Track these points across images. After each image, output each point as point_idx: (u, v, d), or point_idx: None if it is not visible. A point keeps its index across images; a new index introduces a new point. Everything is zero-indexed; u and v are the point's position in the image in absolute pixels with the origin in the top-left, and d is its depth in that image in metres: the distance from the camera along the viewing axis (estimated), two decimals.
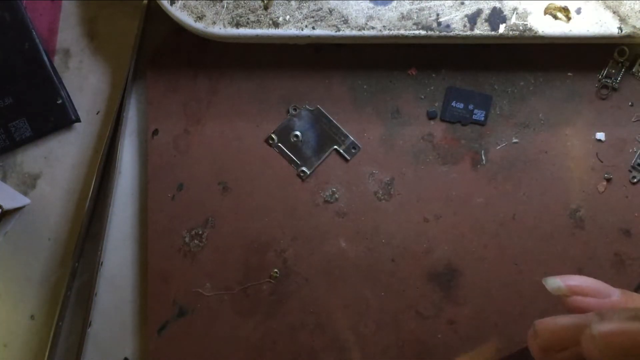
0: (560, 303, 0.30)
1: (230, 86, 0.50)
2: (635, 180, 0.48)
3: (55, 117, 0.51)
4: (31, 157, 0.52)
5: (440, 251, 0.49)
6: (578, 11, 0.44)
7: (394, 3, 0.45)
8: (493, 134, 0.49)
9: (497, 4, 0.45)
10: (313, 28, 0.45)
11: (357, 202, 0.49)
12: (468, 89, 0.49)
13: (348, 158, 0.49)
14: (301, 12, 0.45)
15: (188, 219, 0.50)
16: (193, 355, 0.50)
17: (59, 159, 0.52)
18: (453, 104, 0.49)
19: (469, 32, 0.45)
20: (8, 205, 0.48)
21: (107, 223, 0.50)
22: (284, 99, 0.50)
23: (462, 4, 0.45)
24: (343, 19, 0.45)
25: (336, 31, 0.45)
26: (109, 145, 0.50)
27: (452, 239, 0.49)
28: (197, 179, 0.50)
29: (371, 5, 0.45)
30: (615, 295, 0.29)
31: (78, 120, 0.51)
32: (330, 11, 0.45)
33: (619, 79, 0.48)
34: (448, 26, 0.45)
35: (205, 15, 0.46)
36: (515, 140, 0.49)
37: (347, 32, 0.45)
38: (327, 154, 0.50)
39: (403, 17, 0.45)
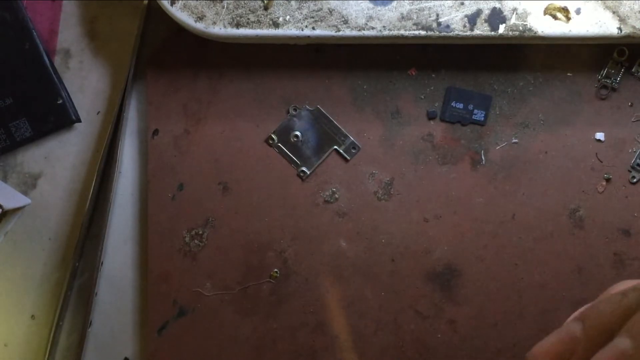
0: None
1: (230, 86, 0.50)
2: (634, 180, 0.48)
3: (55, 117, 0.51)
4: (32, 157, 0.52)
5: (440, 251, 0.49)
6: (578, 11, 0.44)
7: (394, 3, 0.45)
8: (493, 134, 0.49)
9: (497, 5, 0.45)
10: (313, 28, 0.46)
11: (357, 202, 0.49)
12: (468, 89, 0.49)
13: (348, 158, 0.49)
14: (301, 13, 0.46)
15: (188, 219, 0.50)
16: (193, 355, 0.50)
17: (60, 159, 0.52)
18: (453, 104, 0.49)
19: (468, 33, 0.45)
20: (8, 205, 0.48)
21: (107, 223, 0.50)
22: (284, 99, 0.50)
23: (462, 4, 0.45)
24: (343, 19, 0.45)
25: (336, 31, 0.45)
26: (109, 145, 0.51)
27: (452, 239, 0.49)
28: (197, 179, 0.50)
29: (371, 5, 0.45)
30: (581, 342, 0.27)
31: (78, 120, 0.51)
32: (330, 11, 0.45)
33: (618, 79, 0.48)
34: (448, 26, 0.45)
35: (205, 16, 0.46)
36: (515, 140, 0.49)
37: (347, 32, 0.45)
38: (327, 154, 0.50)
39: (403, 17, 0.45)
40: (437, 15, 0.45)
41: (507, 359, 0.48)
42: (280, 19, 0.46)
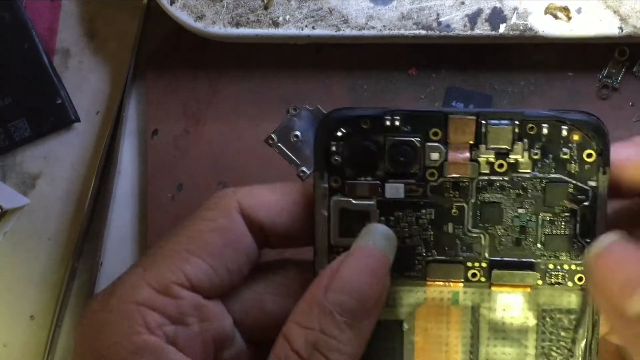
0: None
1: (230, 86, 0.50)
2: None
3: (54, 117, 0.51)
4: (30, 157, 0.52)
5: None
6: (579, 11, 0.44)
7: (394, 3, 0.45)
8: None
9: (498, 4, 0.45)
10: (313, 28, 0.45)
11: None
12: (468, 89, 0.49)
13: None
14: (301, 12, 0.45)
15: None
16: None
17: (59, 159, 0.52)
18: (453, 104, 0.49)
19: (469, 32, 0.45)
20: (7, 205, 0.48)
21: (106, 223, 0.50)
22: (284, 99, 0.50)
23: (463, 3, 0.45)
24: (343, 18, 0.45)
25: (336, 31, 0.45)
26: (108, 145, 0.50)
27: None
28: (197, 179, 0.50)
29: (371, 5, 0.45)
30: None
31: (78, 120, 0.51)
32: (330, 11, 0.45)
33: (619, 78, 0.48)
34: (448, 26, 0.45)
35: (205, 15, 0.46)
36: None
37: (347, 32, 0.45)
38: None
39: (403, 17, 0.45)
40: (438, 14, 0.45)
41: None
42: (280, 18, 0.46)
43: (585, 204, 0.24)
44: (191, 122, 0.50)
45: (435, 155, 0.24)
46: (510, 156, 0.24)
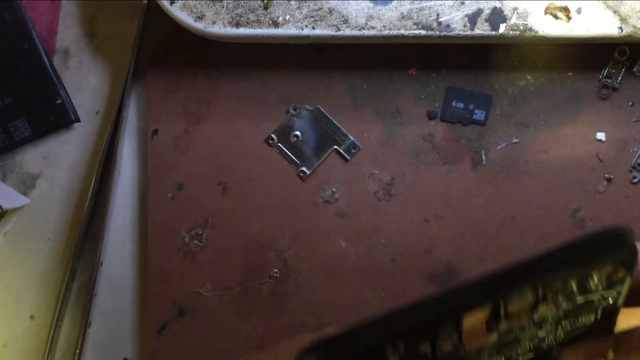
0: None
1: (230, 86, 0.50)
2: (635, 180, 0.48)
3: (54, 117, 0.51)
4: (31, 157, 0.52)
5: (440, 251, 0.49)
6: (578, 11, 0.44)
7: (394, 3, 0.45)
8: (493, 134, 0.49)
9: (498, 4, 0.45)
10: (313, 28, 0.45)
11: (357, 202, 0.49)
12: (468, 89, 0.49)
13: (348, 158, 0.49)
14: (301, 12, 0.45)
15: (188, 219, 0.50)
16: (193, 355, 0.50)
17: (59, 159, 0.52)
18: (453, 104, 0.49)
19: (469, 32, 0.45)
20: (8, 205, 0.48)
21: (106, 223, 0.50)
22: (284, 99, 0.50)
23: (463, 3, 0.45)
24: (343, 18, 0.45)
25: (336, 31, 0.45)
26: (108, 145, 0.50)
27: (452, 239, 0.49)
28: (197, 179, 0.50)
29: (371, 5, 0.45)
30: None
31: (78, 120, 0.51)
32: (330, 11, 0.45)
33: (619, 78, 0.48)
34: (448, 26, 0.45)
35: (205, 15, 0.46)
36: (515, 140, 0.49)
37: (347, 32, 0.45)
38: (327, 154, 0.50)
39: (403, 17, 0.45)
40: (438, 14, 0.45)
41: None
42: (280, 18, 0.46)
43: (609, 304, 0.23)
44: (191, 122, 0.50)
45: (448, 347, 0.22)
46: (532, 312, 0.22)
